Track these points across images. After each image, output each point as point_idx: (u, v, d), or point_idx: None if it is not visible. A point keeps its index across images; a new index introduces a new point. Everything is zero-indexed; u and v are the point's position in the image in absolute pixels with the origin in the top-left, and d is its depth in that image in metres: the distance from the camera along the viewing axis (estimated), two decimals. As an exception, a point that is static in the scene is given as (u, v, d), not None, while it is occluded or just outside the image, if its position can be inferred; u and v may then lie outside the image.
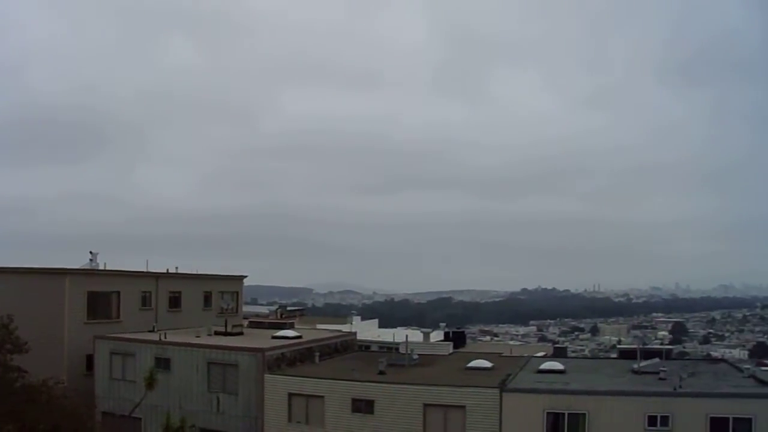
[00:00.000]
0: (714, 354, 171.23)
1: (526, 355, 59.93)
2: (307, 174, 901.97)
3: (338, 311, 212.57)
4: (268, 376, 46.12)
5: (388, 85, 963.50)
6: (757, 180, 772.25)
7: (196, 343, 50.81)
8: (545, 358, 56.03)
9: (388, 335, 75.03)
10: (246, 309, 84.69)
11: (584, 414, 38.93)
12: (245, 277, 74.94)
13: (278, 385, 45.67)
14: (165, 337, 52.05)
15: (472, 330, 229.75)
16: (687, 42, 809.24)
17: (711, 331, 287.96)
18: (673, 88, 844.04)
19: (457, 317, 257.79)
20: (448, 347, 60.88)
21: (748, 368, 48.31)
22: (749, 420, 37.22)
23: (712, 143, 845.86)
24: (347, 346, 59.96)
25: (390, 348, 64.94)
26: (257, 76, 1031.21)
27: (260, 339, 53.98)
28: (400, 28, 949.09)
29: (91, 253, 60.95)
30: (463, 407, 40.68)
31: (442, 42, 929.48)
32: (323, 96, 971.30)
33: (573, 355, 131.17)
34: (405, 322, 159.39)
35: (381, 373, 46.05)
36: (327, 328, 71.81)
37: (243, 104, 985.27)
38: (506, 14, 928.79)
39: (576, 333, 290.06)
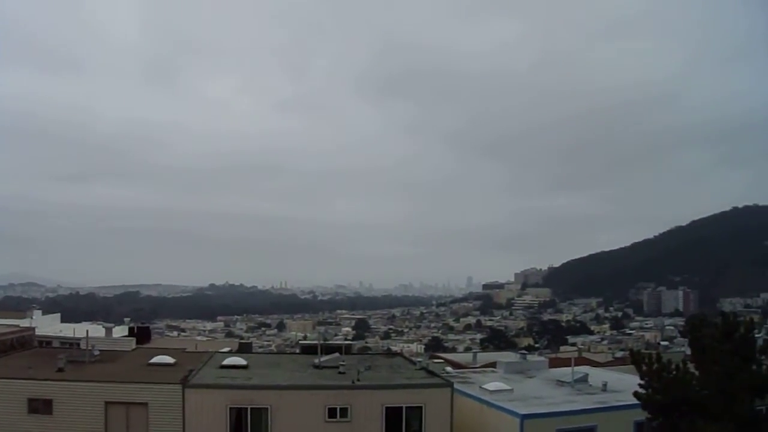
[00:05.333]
0: (394, 348, 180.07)
1: (211, 350, 60.21)
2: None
3: (19, 305, 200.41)
4: (-67, 377, 43.01)
5: (92, 75, 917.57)
6: (436, 191, 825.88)
7: None
8: (229, 353, 56.54)
9: (70, 330, 72.32)
10: None
11: (266, 408, 39.96)
12: None
13: (-55, 387, 42.67)
14: None
15: (159, 325, 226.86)
16: (390, 60, 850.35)
17: (392, 327, 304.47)
18: (371, 100, 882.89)
19: (144, 312, 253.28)
20: (131, 343, 59.90)
21: (420, 361, 51.82)
22: (420, 408, 41.10)
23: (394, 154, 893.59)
24: (24, 342, 57.25)
25: (72, 344, 62.76)
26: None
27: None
28: (113, 20, 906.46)
29: None
30: (145, 404, 40.18)
31: (153, 40, 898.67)
32: (18, 77, 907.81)
33: (260, 350, 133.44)
34: (90, 317, 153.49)
35: (60, 370, 44.43)
36: (3, 324, 67.92)
37: None
38: (215, 20, 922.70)
39: (263, 328, 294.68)
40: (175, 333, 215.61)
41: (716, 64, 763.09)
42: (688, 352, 38.39)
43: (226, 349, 63.90)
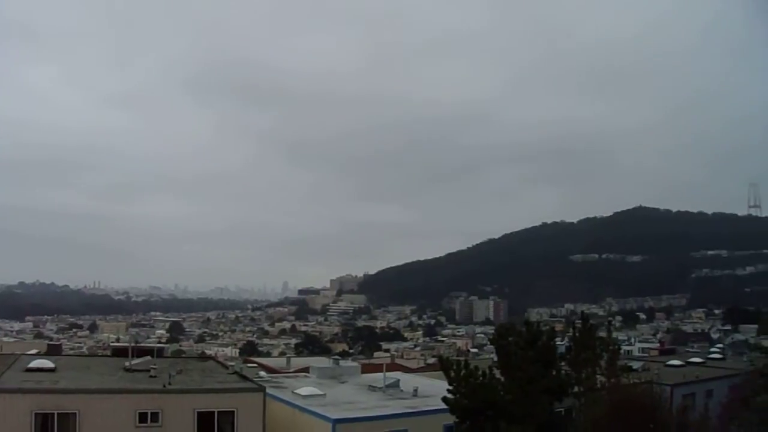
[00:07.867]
0: (209, 352, 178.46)
1: (17, 352, 58.16)
2: None
3: None
4: None
5: None
6: (259, 199, 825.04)
7: None
8: (37, 356, 54.77)
9: None
10: None
11: (75, 413, 38.89)
12: None
13: None
14: None
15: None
16: (220, 69, 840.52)
17: (206, 330, 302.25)
18: (201, 105, 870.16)
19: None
20: (-70, 345, 57.12)
21: (233, 365, 52.07)
22: (232, 412, 41.58)
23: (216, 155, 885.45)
24: None
25: None
26: None
27: None
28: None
29: None
30: (-59, 411, 38.62)
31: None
32: None
33: (71, 352, 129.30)
34: None
35: None
36: None
37: None
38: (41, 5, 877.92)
39: (75, 330, 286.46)
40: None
41: (532, 88, 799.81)
42: (496, 359, 40.66)
43: (33, 351, 61.94)
